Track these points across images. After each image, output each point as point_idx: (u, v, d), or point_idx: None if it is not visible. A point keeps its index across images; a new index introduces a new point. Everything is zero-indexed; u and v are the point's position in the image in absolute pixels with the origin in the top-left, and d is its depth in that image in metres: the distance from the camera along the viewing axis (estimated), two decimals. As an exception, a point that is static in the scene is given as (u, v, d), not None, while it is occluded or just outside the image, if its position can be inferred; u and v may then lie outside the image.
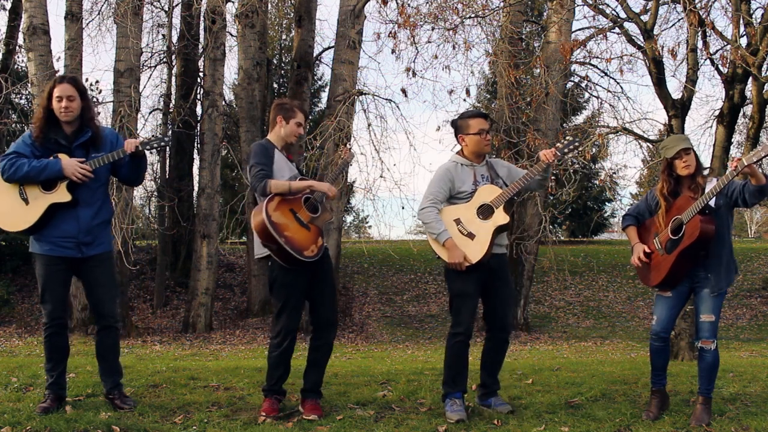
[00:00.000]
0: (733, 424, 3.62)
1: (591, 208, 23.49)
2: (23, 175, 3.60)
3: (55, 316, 3.70)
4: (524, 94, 11.64)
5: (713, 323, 3.65)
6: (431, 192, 3.84)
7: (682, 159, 3.70)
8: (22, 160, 3.62)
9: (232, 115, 17.05)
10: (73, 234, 3.65)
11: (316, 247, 3.67)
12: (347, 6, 11.78)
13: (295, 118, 3.86)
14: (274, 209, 3.61)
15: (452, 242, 3.73)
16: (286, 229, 3.60)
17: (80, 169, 3.61)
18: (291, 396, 4.06)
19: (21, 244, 13.99)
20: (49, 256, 3.66)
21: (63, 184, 3.63)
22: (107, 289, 3.80)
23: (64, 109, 3.64)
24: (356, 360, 8.59)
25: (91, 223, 3.69)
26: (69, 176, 3.60)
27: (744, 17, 7.35)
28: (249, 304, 13.50)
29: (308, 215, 3.74)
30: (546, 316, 14.22)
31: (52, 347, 3.74)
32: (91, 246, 3.70)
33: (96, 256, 3.74)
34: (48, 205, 3.62)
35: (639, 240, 3.91)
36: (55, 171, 3.60)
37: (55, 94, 3.64)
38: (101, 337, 3.85)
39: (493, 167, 3.96)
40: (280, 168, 3.80)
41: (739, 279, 16.20)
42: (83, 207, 3.68)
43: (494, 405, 3.89)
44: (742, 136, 11.64)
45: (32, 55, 10.43)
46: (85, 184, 3.66)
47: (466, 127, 3.87)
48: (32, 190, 3.65)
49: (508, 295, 4.00)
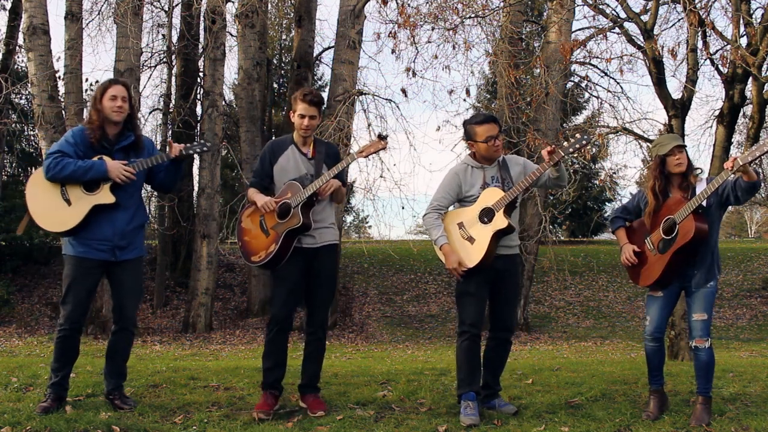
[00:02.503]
0: (733, 424, 3.62)
1: (591, 208, 23.48)
2: (68, 174, 3.60)
3: (73, 320, 3.69)
4: (524, 94, 11.64)
5: (706, 322, 3.66)
6: (436, 198, 3.89)
7: (675, 156, 3.71)
8: (68, 160, 3.62)
9: (232, 115, 17.05)
10: (108, 237, 3.67)
11: (265, 253, 3.77)
12: (347, 6, 11.78)
13: (297, 110, 3.84)
14: (247, 215, 3.95)
15: (448, 248, 3.76)
16: (247, 234, 3.91)
17: (125, 171, 3.64)
18: (291, 396, 4.06)
19: (21, 244, 14.01)
20: (82, 258, 3.66)
21: (106, 185, 3.64)
22: (133, 294, 3.82)
23: (118, 108, 3.69)
24: (356, 360, 8.59)
25: (126, 227, 3.71)
26: (114, 178, 3.63)
27: (744, 17, 7.35)
28: (249, 304, 13.50)
29: (275, 220, 3.78)
30: (546, 316, 14.23)
31: (63, 349, 3.73)
32: (125, 250, 3.72)
33: (129, 260, 3.75)
34: (92, 206, 3.64)
35: (628, 241, 3.92)
36: (100, 172, 3.62)
37: (110, 94, 3.70)
38: (116, 338, 3.85)
39: (506, 166, 3.91)
40: (284, 169, 3.85)
41: (739, 279, 16.21)
42: (120, 210, 3.70)
43: (498, 407, 3.89)
44: (742, 136, 11.65)
45: (32, 55, 10.43)
46: (122, 188, 3.69)
47: (474, 135, 3.84)
48: (74, 191, 3.65)
49: (513, 296, 3.98)
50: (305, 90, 3.86)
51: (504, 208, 3.72)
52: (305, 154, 3.88)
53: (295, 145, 3.90)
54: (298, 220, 3.73)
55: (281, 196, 3.81)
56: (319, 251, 3.84)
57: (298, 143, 3.90)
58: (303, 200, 3.74)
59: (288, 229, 3.74)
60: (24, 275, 14.28)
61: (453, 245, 3.79)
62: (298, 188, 3.77)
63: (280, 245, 3.73)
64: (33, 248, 14.34)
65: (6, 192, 15.72)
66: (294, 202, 3.76)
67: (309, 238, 3.82)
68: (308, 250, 3.82)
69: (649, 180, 3.86)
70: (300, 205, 3.74)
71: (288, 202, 3.77)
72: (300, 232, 3.77)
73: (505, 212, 3.73)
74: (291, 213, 3.75)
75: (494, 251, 3.74)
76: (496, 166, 3.89)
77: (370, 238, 26.32)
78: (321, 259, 3.84)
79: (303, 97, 3.81)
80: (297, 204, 3.74)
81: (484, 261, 3.71)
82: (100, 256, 3.67)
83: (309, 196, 3.75)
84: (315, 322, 3.89)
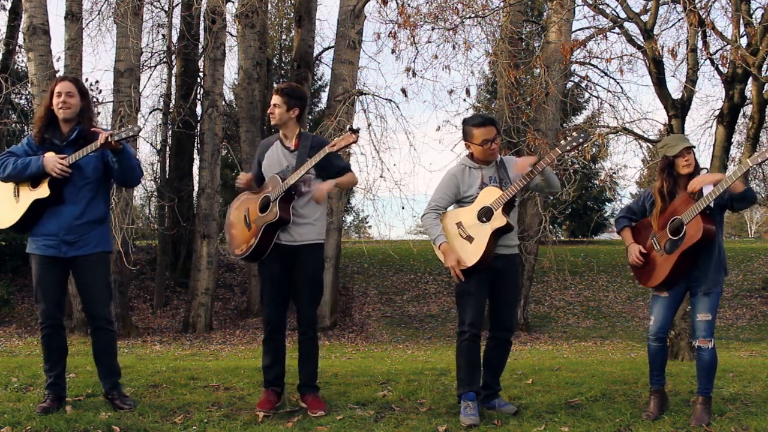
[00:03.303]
0: (733, 424, 3.62)
1: (591, 208, 23.48)
2: (10, 173, 3.63)
3: (49, 316, 3.68)
4: (524, 94, 11.65)
5: (710, 322, 3.66)
6: (434, 199, 3.89)
7: (684, 158, 3.71)
8: (10, 159, 3.65)
9: (232, 115, 17.04)
10: (53, 232, 3.62)
11: (246, 246, 3.81)
12: (347, 6, 11.79)
13: (272, 102, 3.89)
14: (235, 208, 4.01)
15: (446, 246, 3.76)
16: (233, 227, 3.97)
17: (58, 164, 3.57)
18: (291, 396, 4.06)
19: (21, 244, 13.99)
20: (37, 255, 3.66)
21: (45, 180, 3.61)
22: (96, 292, 3.72)
23: (62, 104, 3.65)
24: (356, 360, 8.58)
25: (74, 222, 3.63)
26: (49, 172, 3.57)
27: (744, 17, 7.36)
28: (249, 304, 13.50)
29: (257, 214, 3.80)
30: (546, 316, 14.22)
31: (48, 347, 3.73)
32: (74, 246, 3.63)
33: (82, 257, 3.66)
34: (31, 201, 3.61)
35: (633, 241, 3.92)
36: (36, 167, 3.59)
37: (56, 91, 3.67)
38: (94, 338, 3.82)
39: (504, 166, 3.90)
40: (269, 165, 3.90)
41: (739, 279, 16.21)
42: (67, 205, 3.64)
43: (498, 407, 3.88)
44: (742, 136, 11.66)
45: (32, 55, 10.43)
46: (70, 182, 3.62)
47: (471, 136, 3.84)
48: (23, 189, 3.67)
49: (513, 296, 3.96)
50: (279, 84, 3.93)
51: (502, 206, 3.71)
52: (288, 147, 3.89)
53: (280, 140, 3.93)
54: (274, 214, 3.72)
55: (263, 190, 3.83)
56: (299, 250, 3.80)
57: (282, 138, 3.93)
58: (281, 194, 3.73)
59: (265, 223, 3.74)
60: (24, 275, 14.27)
61: (452, 244, 3.78)
62: (278, 182, 3.77)
63: (259, 239, 3.74)
64: (33, 248, 14.31)
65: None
66: (273, 195, 3.75)
67: (287, 235, 3.79)
68: (287, 248, 3.79)
69: (657, 181, 3.86)
70: (278, 199, 3.73)
71: (268, 196, 3.78)
72: (278, 226, 3.75)
73: (504, 211, 3.72)
74: (269, 206, 3.75)
75: (493, 250, 3.74)
76: (494, 166, 3.88)
77: (370, 238, 26.33)
78: (301, 259, 3.81)
79: (275, 88, 3.93)
80: (275, 198, 3.74)
81: (483, 259, 3.70)
82: (47, 251, 3.63)
83: (287, 190, 3.74)
84: (303, 321, 3.88)
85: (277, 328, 3.89)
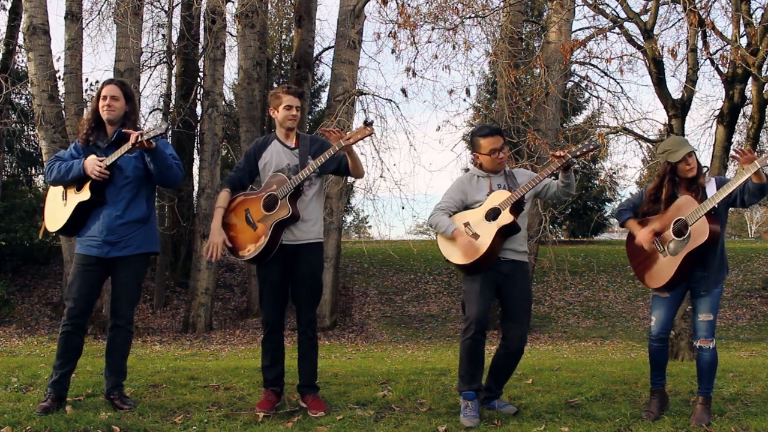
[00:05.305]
0: (733, 424, 3.62)
1: (591, 208, 23.47)
2: (55, 177, 3.75)
3: (75, 315, 3.71)
4: (524, 94, 11.64)
5: (711, 322, 3.66)
6: (443, 201, 3.92)
7: (687, 163, 3.67)
8: (56, 163, 3.75)
9: (232, 115, 17.05)
10: (96, 233, 3.71)
11: (255, 246, 3.75)
12: (347, 6, 11.78)
13: (283, 103, 3.85)
14: (230, 211, 3.89)
15: (458, 231, 3.76)
16: (233, 229, 3.85)
17: (96, 166, 3.64)
18: (291, 396, 4.06)
19: (21, 244, 14.00)
20: (80, 254, 3.76)
21: (87, 183, 3.69)
22: (128, 293, 3.81)
23: (107, 107, 3.74)
24: (356, 360, 8.58)
25: (114, 222, 3.70)
26: (89, 174, 3.65)
27: (744, 17, 7.36)
28: (249, 304, 13.50)
29: (261, 213, 3.76)
30: (546, 316, 14.22)
31: (65, 345, 3.74)
32: (116, 247, 3.71)
33: (124, 257, 3.74)
34: (75, 204, 3.70)
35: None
36: (77, 170, 3.68)
37: (102, 94, 3.76)
38: (111, 334, 3.86)
39: (512, 175, 3.93)
40: (267, 163, 3.87)
41: (739, 279, 16.21)
42: (108, 206, 3.72)
43: (498, 407, 3.88)
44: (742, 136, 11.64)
45: (32, 55, 10.44)
46: (112, 183, 3.71)
47: (479, 147, 3.87)
48: (70, 192, 3.78)
49: (524, 306, 3.90)
50: (286, 84, 3.93)
51: (510, 207, 3.72)
52: (288, 145, 3.89)
53: (278, 140, 3.91)
54: (287, 210, 3.71)
55: (266, 189, 3.81)
56: (300, 249, 3.80)
57: (281, 137, 3.92)
58: (290, 191, 3.72)
59: (277, 220, 3.72)
60: (24, 275, 14.28)
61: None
62: (283, 179, 3.76)
63: (270, 237, 3.71)
64: (33, 248, 14.34)
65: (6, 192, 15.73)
66: (281, 193, 3.74)
67: (289, 234, 3.78)
68: (287, 247, 3.78)
69: (651, 184, 3.83)
70: (287, 195, 3.72)
71: (274, 194, 3.75)
72: (289, 223, 3.74)
73: (512, 211, 3.73)
74: (279, 204, 3.73)
75: (498, 248, 3.73)
76: (503, 175, 3.91)
77: (370, 238, 26.33)
78: (302, 258, 3.81)
79: (287, 89, 3.88)
80: (284, 195, 3.73)
81: (488, 254, 3.69)
82: (91, 252, 3.72)
83: (296, 187, 3.73)
84: (303, 321, 3.88)
85: (277, 329, 3.90)
